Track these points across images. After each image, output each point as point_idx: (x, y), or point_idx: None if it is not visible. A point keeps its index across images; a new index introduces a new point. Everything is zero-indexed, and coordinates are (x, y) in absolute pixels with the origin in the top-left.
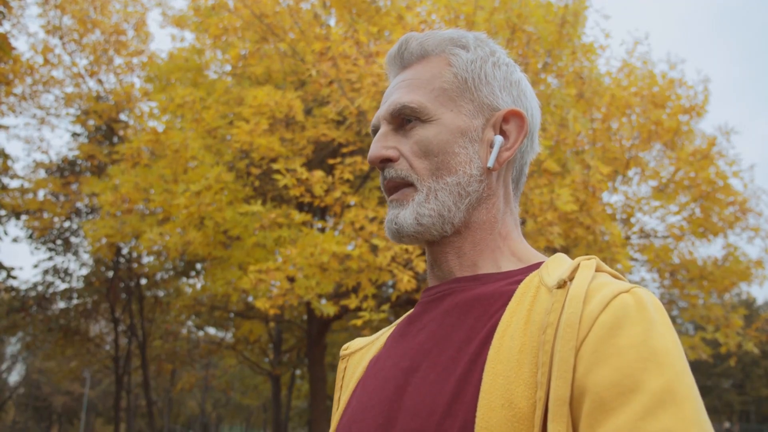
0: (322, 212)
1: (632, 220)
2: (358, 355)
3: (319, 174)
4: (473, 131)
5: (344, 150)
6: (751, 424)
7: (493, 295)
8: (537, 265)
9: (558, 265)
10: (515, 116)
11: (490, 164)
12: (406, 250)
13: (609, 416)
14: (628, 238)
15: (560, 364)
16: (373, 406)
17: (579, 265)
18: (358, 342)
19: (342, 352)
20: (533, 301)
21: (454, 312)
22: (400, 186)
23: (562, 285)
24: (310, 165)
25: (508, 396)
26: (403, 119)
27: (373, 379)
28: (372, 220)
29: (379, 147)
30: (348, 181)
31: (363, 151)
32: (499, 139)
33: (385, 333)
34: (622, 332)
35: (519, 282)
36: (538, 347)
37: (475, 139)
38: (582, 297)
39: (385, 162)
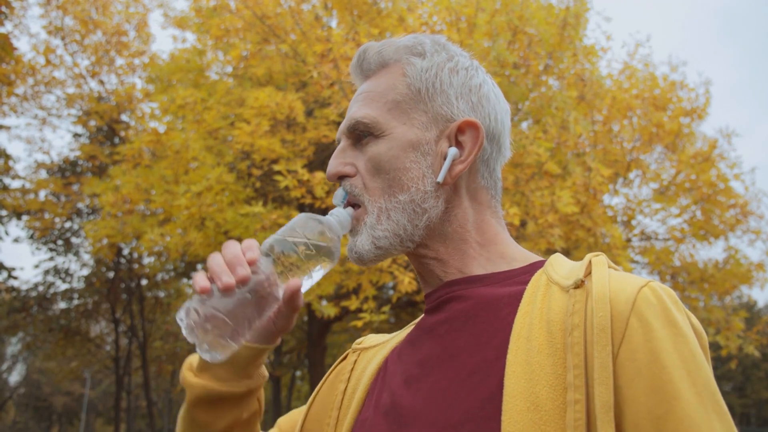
0: (323, 214)
1: (633, 222)
2: (371, 353)
3: (320, 175)
4: (426, 144)
5: None
6: (752, 427)
7: (501, 298)
8: (537, 264)
9: (561, 264)
10: (470, 126)
11: (439, 179)
12: None
13: (660, 424)
14: (628, 240)
15: (600, 371)
16: (387, 413)
17: (590, 262)
18: (372, 339)
19: (354, 345)
20: (544, 300)
21: (460, 318)
22: (353, 205)
23: (579, 285)
24: (311, 166)
25: (533, 399)
26: (359, 134)
27: (384, 386)
28: None
29: (336, 163)
30: None
31: None
32: (452, 152)
33: (399, 335)
34: (654, 335)
35: (524, 282)
36: (562, 348)
37: (428, 152)
38: (608, 298)
39: (343, 178)
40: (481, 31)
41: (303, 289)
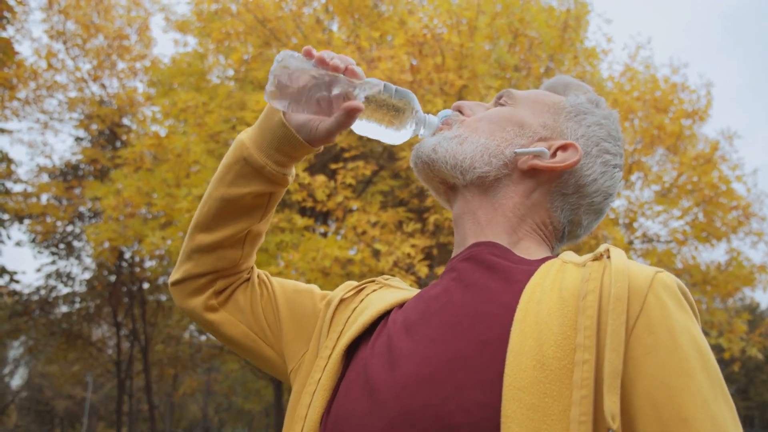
0: (324, 217)
1: (635, 224)
2: (390, 291)
3: (321, 179)
4: (531, 132)
5: (346, 155)
6: (755, 429)
7: (514, 268)
8: (551, 257)
9: (573, 253)
10: (573, 151)
11: (517, 150)
12: (408, 255)
13: (674, 397)
14: (630, 242)
15: (613, 337)
16: (382, 354)
17: (609, 248)
18: (397, 281)
19: (381, 279)
20: (558, 273)
21: (471, 275)
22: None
23: (598, 257)
24: (312, 170)
25: (539, 358)
26: (499, 101)
27: (383, 331)
28: (374, 224)
29: (465, 103)
30: (350, 185)
31: (365, 156)
32: (542, 149)
33: (413, 292)
34: (671, 314)
35: (537, 267)
36: (573, 311)
37: (527, 136)
38: (627, 271)
39: (458, 113)
40: (482, 33)
41: (359, 128)
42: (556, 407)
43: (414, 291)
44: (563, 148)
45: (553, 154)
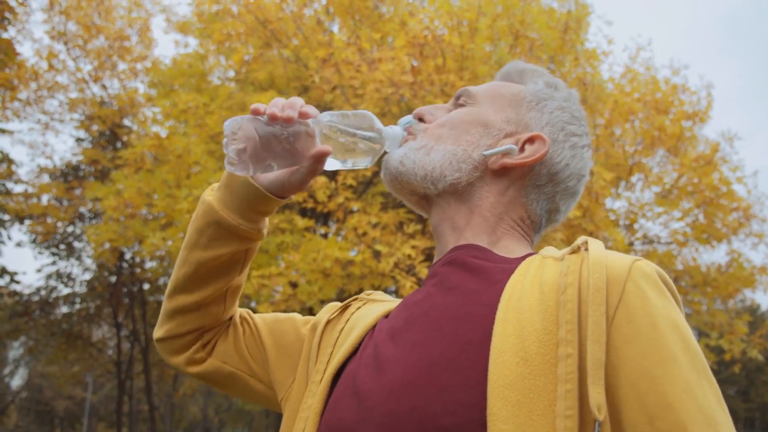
0: (324, 218)
1: (635, 226)
2: (376, 305)
3: (321, 180)
4: (496, 130)
5: None
6: (756, 430)
7: (494, 268)
8: (531, 253)
9: (553, 248)
10: (540, 142)
11: (485, 152)
12: (409, 256)
13: (657, 384)
14: (631, 244)
15: (594, 328)
16: (369, 364)
17: (587, 240)
18: (380, 295)
19: (363, 295)
20: (538, 269)
21: (451, 279)
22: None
23: (576, 250)
24: None
25: (523, 354)
26: (458, 100)
27: (371, 341)
28: (375, 225)
29: (425, 108)
30: (351, 186)
31: None
32: (509, 146)
33: (397, 302)
34: (650, 301)
35: (517, 265)
36: (554, 306)
37: (493, 135)
38: (605, 261)
39: (419, 120)
40: (482, 35)
41: (330, 165)
42: (541, 402)
43: (397, 301)
44: (530, 141)
45: (521, 149)
